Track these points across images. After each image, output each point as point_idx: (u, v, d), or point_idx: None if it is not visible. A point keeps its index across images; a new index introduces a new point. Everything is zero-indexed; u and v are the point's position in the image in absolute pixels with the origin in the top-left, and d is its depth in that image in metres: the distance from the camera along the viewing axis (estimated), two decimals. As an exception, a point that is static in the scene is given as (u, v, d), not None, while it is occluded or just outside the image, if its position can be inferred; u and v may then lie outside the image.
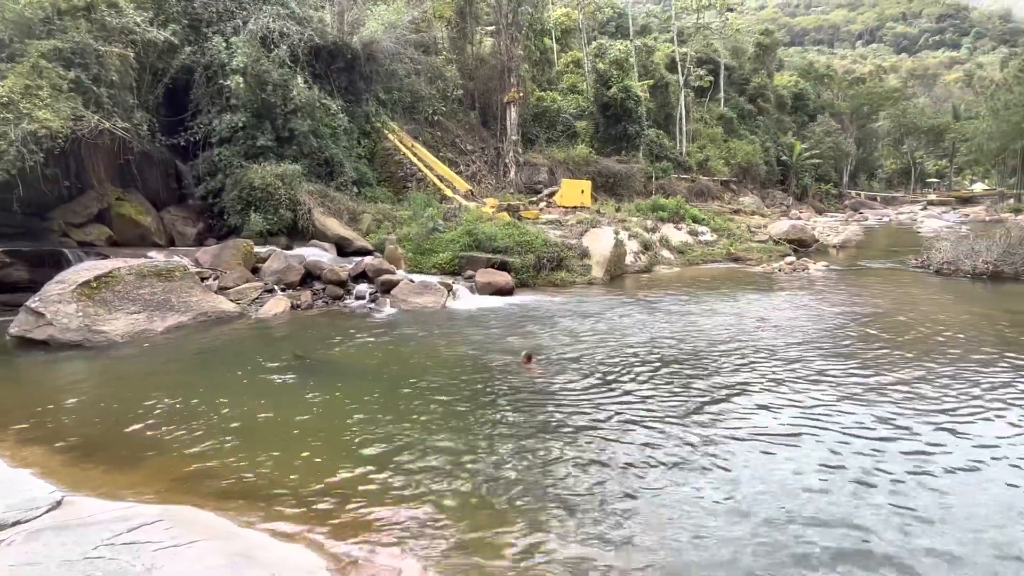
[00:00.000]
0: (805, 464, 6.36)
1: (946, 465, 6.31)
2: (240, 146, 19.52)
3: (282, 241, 18.65)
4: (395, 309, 15.10)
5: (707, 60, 52.60)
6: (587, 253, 20.63)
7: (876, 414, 7.67)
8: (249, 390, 8.88)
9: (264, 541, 4.87)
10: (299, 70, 21.45)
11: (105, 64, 16.43)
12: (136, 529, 4.64)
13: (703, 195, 41.00)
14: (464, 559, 4.78)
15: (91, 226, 17.26)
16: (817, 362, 10.07)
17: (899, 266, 22.73)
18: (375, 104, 26.11)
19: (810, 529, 5.14)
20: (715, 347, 11.15)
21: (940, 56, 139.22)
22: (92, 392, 8.81)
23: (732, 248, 26.43)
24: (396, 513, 5.44)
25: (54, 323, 11.24)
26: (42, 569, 4.00)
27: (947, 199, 67.60)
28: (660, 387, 8.88)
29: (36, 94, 14.64)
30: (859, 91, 73.78)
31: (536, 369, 9.68)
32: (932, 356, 10.37)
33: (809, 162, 55.98)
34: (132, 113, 17.42)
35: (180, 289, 13.38)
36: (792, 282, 19.61)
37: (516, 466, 6.37)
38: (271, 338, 12.55)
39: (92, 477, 6.04)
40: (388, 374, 9.62)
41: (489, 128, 34.13)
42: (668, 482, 5.99)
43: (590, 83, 40.90)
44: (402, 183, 25.99)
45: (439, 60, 31.05)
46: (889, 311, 14.23)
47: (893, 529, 5.14)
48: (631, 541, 5.00)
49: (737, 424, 7.42)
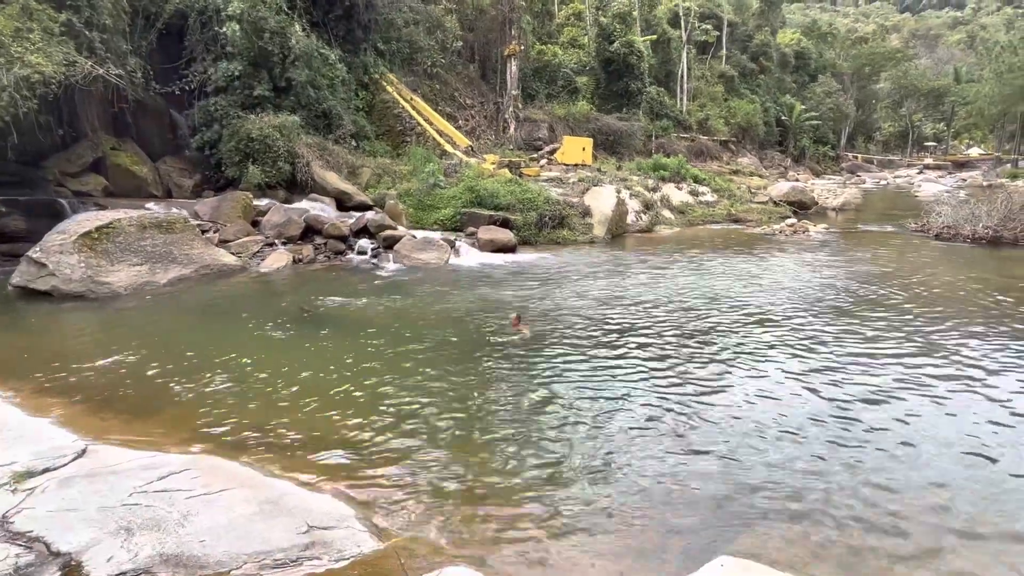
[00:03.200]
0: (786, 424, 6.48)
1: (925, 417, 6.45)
2: (237, 96, 19.04)
3: (280, 194, 18.39)
4: (398, 265, 15.04)
5: (710, 15, 51.46)
6: (589, 212, 20.52)
7: (879, 383, 7.79)
8: (257, 343, 8.88)
9: (291, 489, 4.93)
10: (296, 17, 20.80)
11: (97, 7, 15.84)
12: (166, 478, 4.69)
13: (702, 155, 40.66)
14: (475, 508, 4.88)
15: (87, 176, 16.93)
16: (827, 326, 10.16)
17: (898, 230, 22.77)
18: (373, 55, 25.44)
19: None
20: (719, 308, 11.21)
21: (943, 16, 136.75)
22: (102, 343, 8.77)
23: (733, 209, 26.36)
24: (410, 463, 5.53)
25: (56, 274, 11.13)
26: (82, 515, 4.05)
27: (943, 163, 67.36)
28: (661, 346, 8.95)
29: (27, 37, 14.13)
30: (861, 51, 72.55)
31: (525, 330, 9.52)
32: (936, 321, 10.48)
33: (808, 123, 55.42)
34: (125, 59, 16.87)
35: (181, 241, 13.24)
36: (793, 244, 19.64)
37: (531, 423, 6.45)
38: (275, 292, 12.50)
39: (112, 427, 6.06)
40: (396, 330, 9.63)
41: (488, 82, 33.46)
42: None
43: (592, 37, 40.01)
44: (401, 137, 25.58)
45: (438, 9, 30.15)
46: (891, 275, 14.30)
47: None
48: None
49: (723, 385, 7.52)
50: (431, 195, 19.35)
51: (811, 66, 64.06)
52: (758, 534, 4.60)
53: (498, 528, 4.64)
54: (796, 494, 5.12)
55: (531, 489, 5.17)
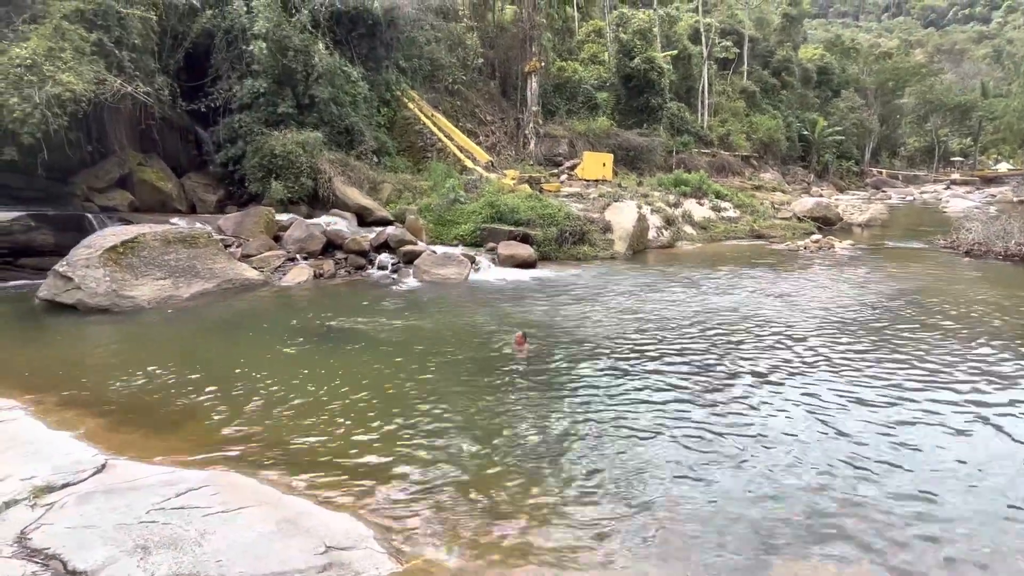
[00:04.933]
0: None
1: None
2: (261, 112, 19.32)
3: (302, 209, 18.53)
4: (418, 280, 15.02)
5: (731, 31, 51.36)
6: (609, 227, 20.39)
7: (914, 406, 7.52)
8: (277, 358, 8.86)
9: (309, 508, 4.85)
10: (320, 36, 21.10)
11: (127, 26, 16.23)
12: (184, 494, 4.62)
13: (723, 170, 40.34)
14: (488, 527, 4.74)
15: (113, 191, 17.22)
16: (863, 348, 9.89)
17: (927, 246, 22.31)
18: (395, 72, 25.71)
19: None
20: (747, 326, 10.99)
21: (969, 31, 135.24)
22: (125, 357, 8.81)
23: (756, 225, 26.05)
24: (428, 482, 5.42)
25: (82, 287, 11.25)
26: (100, 532, 3.99)
27: (971, 179, 66.18)
28: (684, 365, 8.76)
29: (59, 56, 14.49)
30: (885, 66, 71.86)
31: (529, 349, 9.21)
32: (970, 341, 10.15)
33: (831, 138, 54.85)
34: (153, 77, 17.24)
35: (205, 256, 13.34)
36: (819, 261, 19.31)
37: (552, 445, 6.31)
38: (296, 307, 12.51)
39: (132, 441, 6.03)
40: (415, 347, 9.54)
41: (509, 98, 33.62)
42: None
43: (612, 53, 40.08)
44: (422, 153, 25.73)
45: (460, 27, 30.45)
46: (922, 292, 13.95)
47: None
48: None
49: (749, 409, 7.31)
50: (451, 210, 19.38)
51: (834, 81, 63.53)
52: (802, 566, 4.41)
53: (518, 553, 4.50)
54: (839, 526, 4.91)
55: (553, 514, 5.01)
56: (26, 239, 14.03)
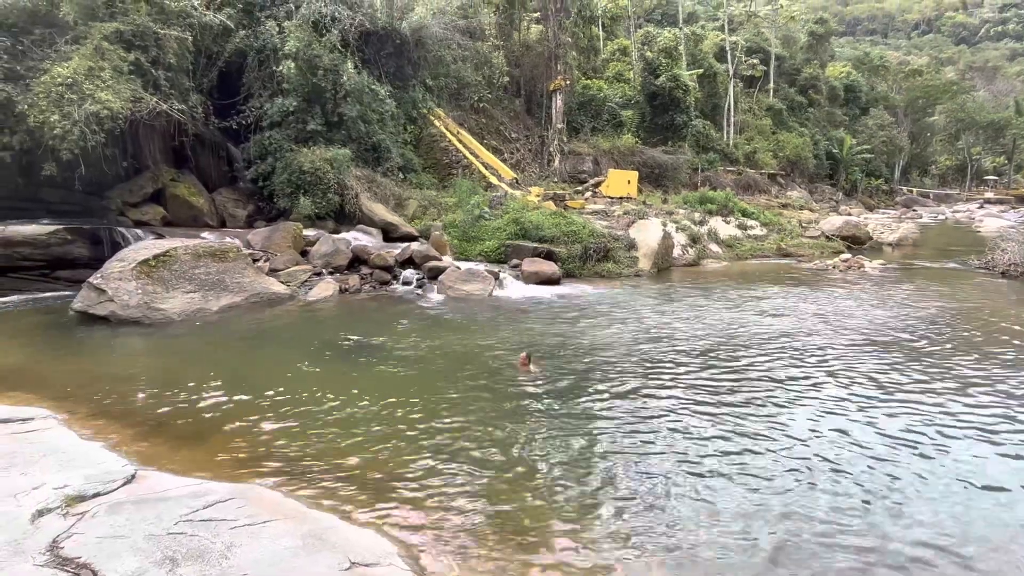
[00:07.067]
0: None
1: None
2: (290, 130, 19.68)
3: (329, 225, 18.77)
4: (442, 296, 15.07)
5: (757, 49, 51.15)
6: (634, 245, 20.28)
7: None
8: (304, 372, 8.92)
9: (334, 523, 4.85)
10: (349, 55, 21.49)
11: (163, 47, 16.71)
12: (211, 507, 4.65)
13: (750, 188, 39.97)
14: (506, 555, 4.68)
15: (147, 206, 17.63)
16: (897, 371, 9.65)
17: (960, 266, 21.80)
18: (422, 90, 26.05)
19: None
20: (775, 347, 10.81)
21: (1002, 48, 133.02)
22: (155, 368, 8.96)
23: (783, 243, 25.71)
24: (453, 501, 5.38)
25: (115, 299, 11.50)
26: (130, 543, 4.02)
27: (1005, 197, 64.69)
28: (710, 391, 8.63)
29: (99, 75, 14.94)
30: (914, 84, 70.81)
31: (534, 371, 9.05)
32: (1009, 367, 9.86)
33: (860, 156, 54.12)
34: (188, 96, 17.69)
35: (233, 270, 13.55)
36: (849, 280, 18.96)
37: (578, 467, 6.24)
38: (322, 321, 12.62)
39: (161, 452, 6.10)
40: (439, 364, 9.54)
41: (534, 116, 33.83)
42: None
43: (637, 71, 40.19)
44: (447, 170, 25.96)
45: (486, 46, 30.79)
46: (963, 315, 13.56)
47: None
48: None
49: (777, 437, 7.15)
50: (476, 227, 19.46)
51: (862, 99, 62.81)
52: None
53: (545, 574, 4.44)
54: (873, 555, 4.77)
55: (578, 537, 4.94)
56: (62, 252, 14.44)
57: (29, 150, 14.94)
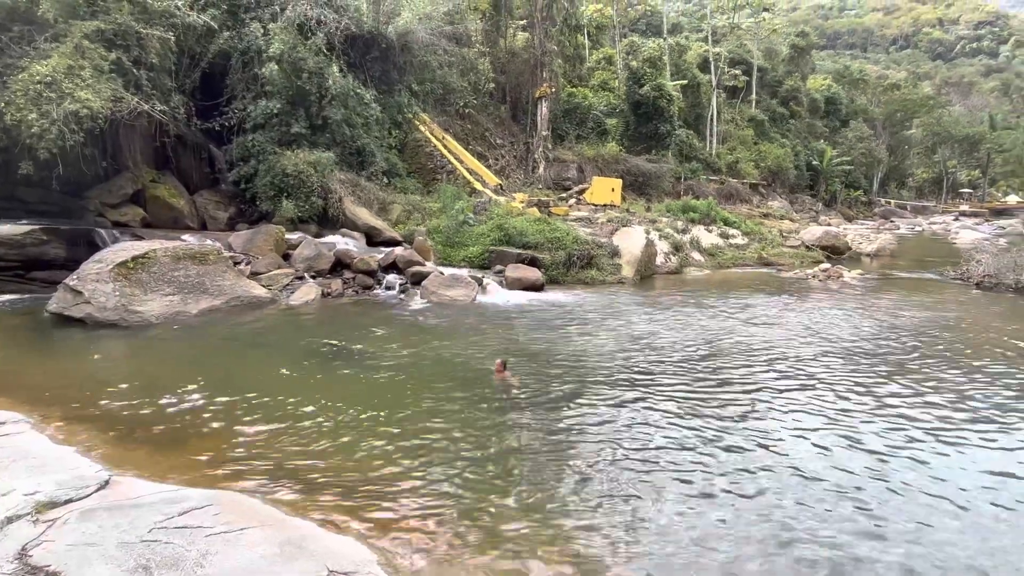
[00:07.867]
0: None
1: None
2: (274, 132, 19.50)
3: (312, 228, 18.62)
4: (425, 301, 15.01)
5: (740, 61, 51.82)
6: (617, 252, 20.39)
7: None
8: (284, 377, 8.83)
9: (312, 530, 4.78)
10: (334, 58, 21.40)
11: (145, 46, 16.50)
12: (187, 513, 4.57)
13: (732, 198, 40.36)
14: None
15: (126, 207, 17.38)
16: (876, 382, 9.78)
17: (937, 277, 22.17)
18: (407, 95, 26.01)
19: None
20: (753, 355, 10.90)
21: (976, 64, 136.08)
22: (132, 372, 8.81)
23: (764, 252, 26.00)
24: (433, 507, 5.35)
25: (92, 301, 11.30)
26: (102, 551, 3.94)
27: (980, 210, 66.10)
28: (688, 397, 8.68)
29: (78, 74, 14.72)
30: (893, 97, 72.21)
31: (510, 378, 8.94)
32: (979, 375, 10.03)
33: (840, 168, 54.97)
34: (170, 96, 17.47)
35: (214, 273, 13.39)
36: (828, 290, 19.21)
37: (559, 473, 6.23)
38: (304, 325, 12.52)
39: (136, 457, 6.00)
40: (421, 369, 9.49)
41: (519, 123, 33.92)
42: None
43: (622, 80, 40.47)
44: (432, 175, 25.90)
45: (472, 52, 30.83)
46: (938, 325, 13.77)
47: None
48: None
49: (759, 447, 7.21)
50: (460, 232, 19.44)
51: (842, 111, 63.86)
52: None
53: (526, 581, 4.42)
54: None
55: (557, 542, 4.93)
56: (37, 252, 14.15)
57: (6, 148, 14.66)
